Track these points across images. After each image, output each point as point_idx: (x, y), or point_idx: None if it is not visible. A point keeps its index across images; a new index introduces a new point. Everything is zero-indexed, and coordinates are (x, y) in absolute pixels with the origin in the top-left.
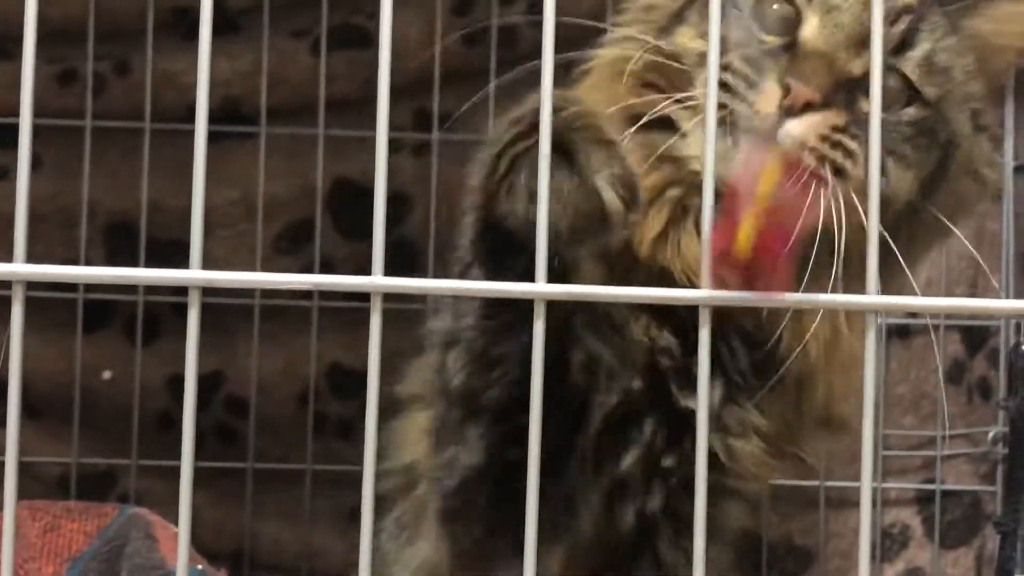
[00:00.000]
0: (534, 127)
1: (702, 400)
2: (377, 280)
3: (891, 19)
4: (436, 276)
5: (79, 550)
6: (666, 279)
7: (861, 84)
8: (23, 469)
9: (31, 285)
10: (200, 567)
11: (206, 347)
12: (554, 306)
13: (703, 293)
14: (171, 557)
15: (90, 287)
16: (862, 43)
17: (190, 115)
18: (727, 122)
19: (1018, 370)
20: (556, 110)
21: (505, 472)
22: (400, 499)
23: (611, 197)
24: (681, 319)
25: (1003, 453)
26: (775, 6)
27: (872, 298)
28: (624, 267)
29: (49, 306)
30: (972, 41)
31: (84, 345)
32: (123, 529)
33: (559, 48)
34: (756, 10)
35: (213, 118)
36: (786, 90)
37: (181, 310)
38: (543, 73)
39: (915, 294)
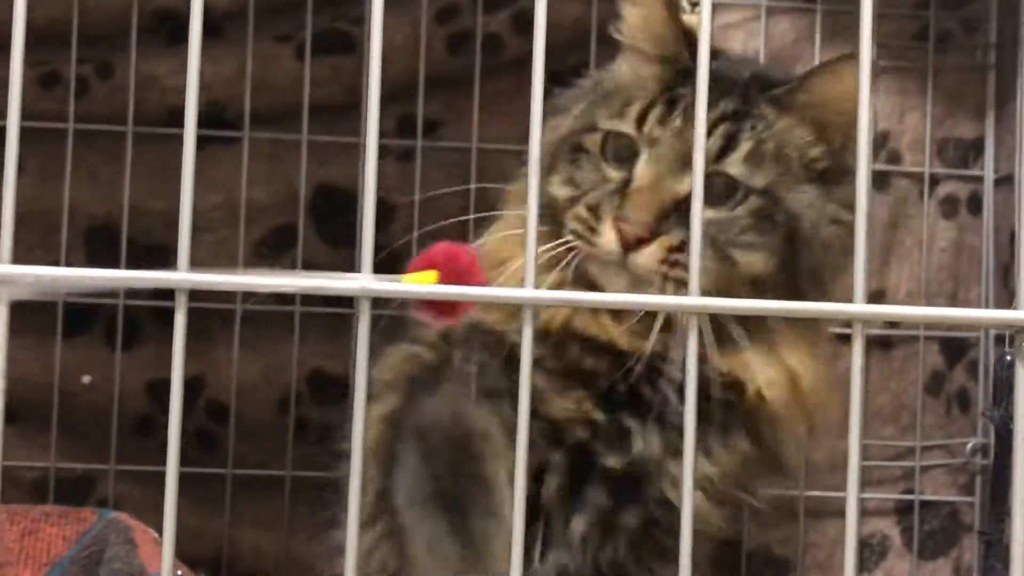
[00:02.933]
0: None
1: (689, 408)
2: (366, 283)
3: (708, 132)
4: None
5: (58, 555)
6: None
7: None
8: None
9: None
10: (180, 572)
11: (187, 352)
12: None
13: (691, 300)
14: (150, 562)
15: (70, 291)
16: (684, 164)
17: (173, 119)
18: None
19: (1003, 380)
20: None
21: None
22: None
23: None
24: (601, 390)
25: (982, 464)
26: (614, 143)
27: (858, 307)
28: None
29: (28, 309)
30: (804, 114)
31: (63, 349)
32: (102, 534)
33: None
34: (604, 148)
35: (197, 122)
36: (620, 231)
37: (161, 314)
38: (534, 81)
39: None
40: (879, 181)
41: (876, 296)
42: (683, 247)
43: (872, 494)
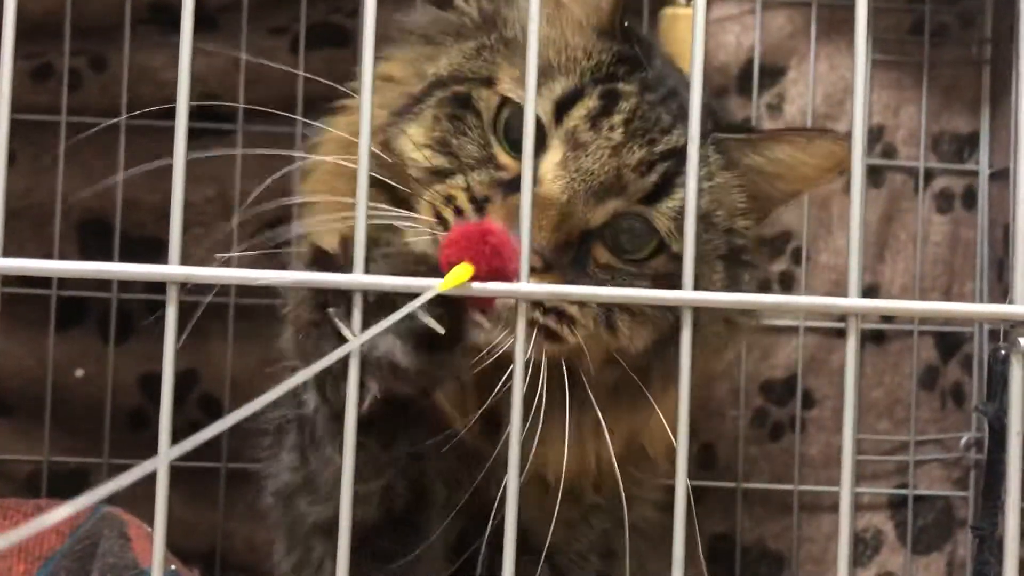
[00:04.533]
0: None
1: (683, 402)
2: (359, 277)
3: (645, 167)
4: None
5: (51, 549)
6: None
7: (600, 234)
8: None
9: (4, 280)
10: (173, 567)
11: (180, 346)
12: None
13: (686, 294)
14: (143, 556)
15: (63, 284)
16: (608, 192)
17: (166, 112)
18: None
19: (997, 375)
20: None
21: None
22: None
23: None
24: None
25: (975, 458)
26: (515, 120)
27: (853, 301)
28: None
29: (21, 303)
30: (748, 177)
31: (56, 343)
32: (96, 528)
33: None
34: (496, 118)
35: (190, 115)
36: None
37: (154, 308)
38: (527, 77)
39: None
40: (873, 175)
41: (870, 291)
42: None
43: (866, 488)
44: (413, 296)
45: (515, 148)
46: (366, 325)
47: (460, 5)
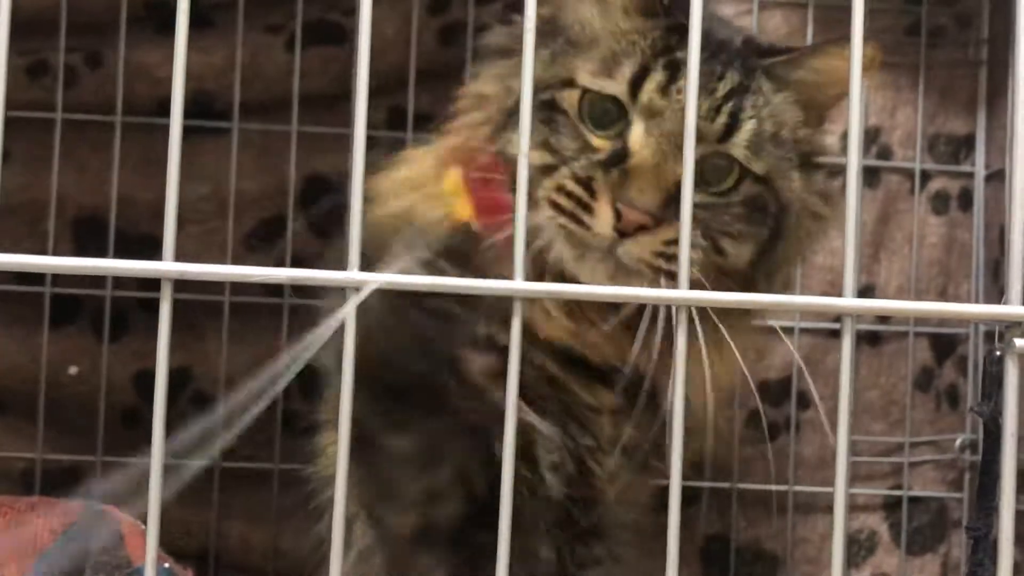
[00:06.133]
0: None
1: (678, 399)
2: (352, 274)
3: (713, 113)
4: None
5: (44, 546)
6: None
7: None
8: None
9: None
10: (167, 565)
11: (174, 343)
12: None
13: (684, 293)
14: (137, 555)
15: (57, 281)
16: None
17: (162, 109)
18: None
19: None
20: None
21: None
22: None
23: None
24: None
25: (970, 460)
26: (597, 105)
27: (848, 301)
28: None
29: (15, 300)
30: (800, 91)
31: (50, 340)
32: (89, 526)
33: None
34: (580, 109)
35: (185, 112)
36: (617, 214)
37: (149, 305)
38: (524, 72)
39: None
40: (869, 176)
41: (866, 291)
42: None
43: (861, 489)
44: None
45: (600, 126)
46: None
47: (513, 17)
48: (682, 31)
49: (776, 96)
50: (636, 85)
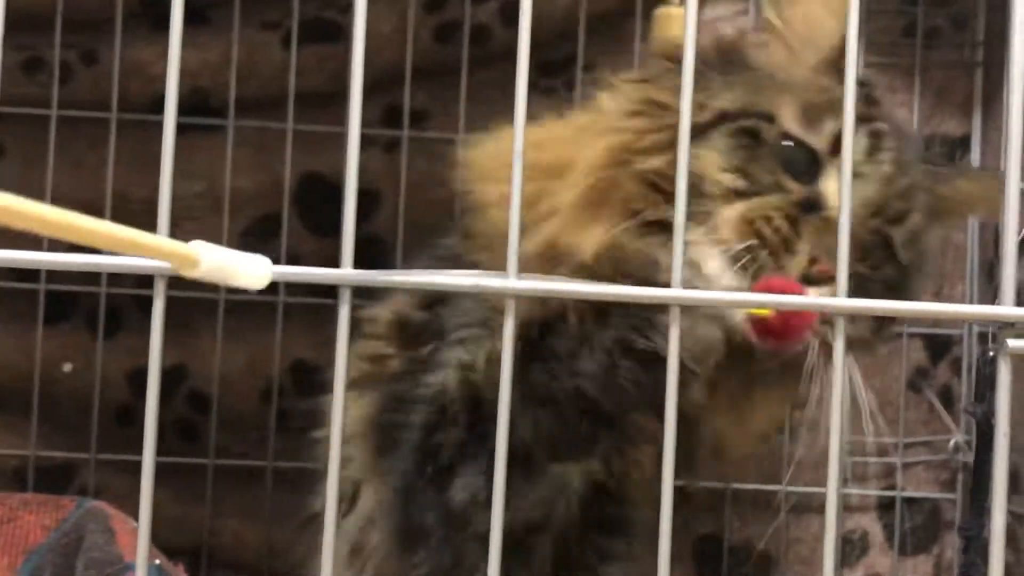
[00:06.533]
0: None
1: (671, 400)
2: (347, 272)
3: (900, 195)
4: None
5: (36, 542)
6: None
7: (862, 245)
8: None
9: None
10: (157, 562)
11: (168, 341)
12: None
13: (675, 292)
14: (129, 551)
15: (51, 278)
16: (878, 212)
17: (157, 106)
18: (747, 266)
19: (985, 377)
20: None
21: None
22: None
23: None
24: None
25: (963, 461)
26: (792, 147)
27: (840, 301)
28: None
29: (9, 297)
30: (935, 202)
31: (44, 337)
32: (81, 522)
33: (532, 49)
34: (774, 147)
35: (181, 110)
36: (812, 260)
37: (143, 303)
38: (519, 72)
39: None
40: None
41: None
42: None
43: (854, 490)
44: None
45: (787, 170)
46: None
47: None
48: (872, 101)
49: (921, 205)
50: (839, 141)
